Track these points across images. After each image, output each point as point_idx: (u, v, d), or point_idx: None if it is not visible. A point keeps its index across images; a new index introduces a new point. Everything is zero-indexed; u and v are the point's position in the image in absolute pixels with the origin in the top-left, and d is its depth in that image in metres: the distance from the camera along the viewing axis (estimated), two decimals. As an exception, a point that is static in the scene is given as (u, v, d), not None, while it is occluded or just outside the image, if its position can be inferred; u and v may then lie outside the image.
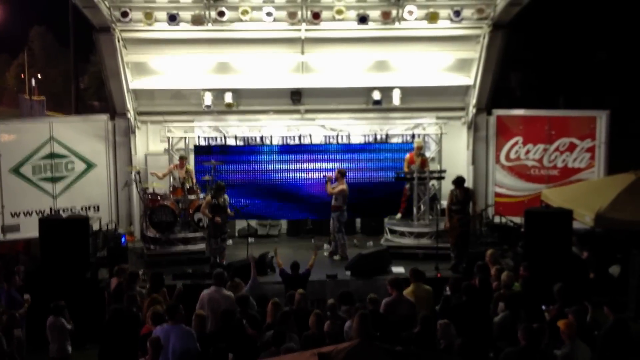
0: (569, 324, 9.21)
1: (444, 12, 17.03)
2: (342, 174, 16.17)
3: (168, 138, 17.82)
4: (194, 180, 16.89)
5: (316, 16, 16.73)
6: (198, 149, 17.81)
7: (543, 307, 11.03)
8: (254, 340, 9.83)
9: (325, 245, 16.90)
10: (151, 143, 18.71)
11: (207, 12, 16.64)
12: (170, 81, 18.33)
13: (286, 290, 12.16)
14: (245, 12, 16.62)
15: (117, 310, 10.62)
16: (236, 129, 18.34)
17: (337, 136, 18.27)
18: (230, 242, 16.86)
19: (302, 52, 17.66)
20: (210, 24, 16.81)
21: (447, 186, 16.17)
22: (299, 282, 12.41)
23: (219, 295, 11.23)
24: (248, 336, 9.76)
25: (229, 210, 15.40)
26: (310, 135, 18.16)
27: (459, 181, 15.34)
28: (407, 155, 17.17)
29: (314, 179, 17.65)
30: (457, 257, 15.07)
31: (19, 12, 56.95)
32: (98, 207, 17.96)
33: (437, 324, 9.65)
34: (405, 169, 17.00)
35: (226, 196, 15.43)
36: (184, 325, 9.79)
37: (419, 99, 18.74)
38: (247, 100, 18.60)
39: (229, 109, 18.39)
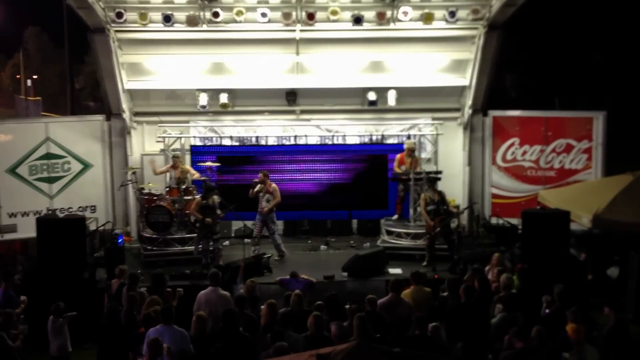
0: (577, 329, 9.16)
1: (439, 13, 17.01)
2: (266, 175, 15.90)
3: (163, 138, 17.77)
4: (194, 174, 16.76)
5: (311, 17, 16.72)
6: (194, 150, 17.76)
7: (546, 310, 10.95)
8: (251, 341, 9.78)
9: (322, 247, 16.91)
10: (147, 143, 18.70)
11: (201, 13, 16.63)
12: (166, 81, 18.33)
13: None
14: (239, 13, 16.62)
15: (115, 310, 10.61)
16: (231, 130, 18.34)
17: (333, 137, 18.27)
18: (227, 242, 16.87)
19: (297, 53, 17.63)
20: (205, 25, 16.80)
21: (443, 187, 16.14)
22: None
23: (215, 296, 11.23)
24: (246, 337, 9.72)
25: (218, 211, 15.34)
26: (305, 136, 18.15)
27: (431, 179, 15.54)
28: (398, 155, 17.07)
29: (309, 179, 17.64)
30: (430, 259, 15.06)
31: (14, 13, 56.78)
32: (95, 207, 17.94)
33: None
34: (396, 169, 16.97)
35: (215, 197, 15.37)
36: (177, 327, 9.76)
37: (415, 99, 18.73)
38: (242, 101, 18.59)
39: (224, 110, 18.38)
